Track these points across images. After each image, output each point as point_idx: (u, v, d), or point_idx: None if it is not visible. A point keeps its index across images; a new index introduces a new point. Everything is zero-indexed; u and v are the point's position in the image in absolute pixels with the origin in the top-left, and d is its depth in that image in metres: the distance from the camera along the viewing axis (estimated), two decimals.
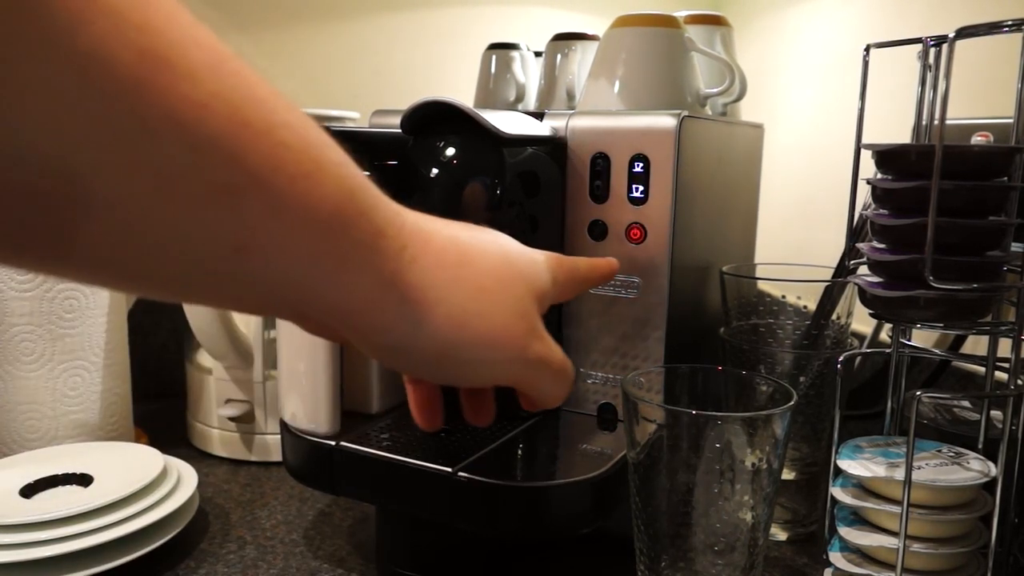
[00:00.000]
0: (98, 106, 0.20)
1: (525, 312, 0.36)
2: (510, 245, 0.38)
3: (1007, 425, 0.44)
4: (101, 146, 0.20)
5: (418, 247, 0.31)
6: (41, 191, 0.20)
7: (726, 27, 0.71)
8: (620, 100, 0.60)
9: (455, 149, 0.49)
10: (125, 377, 0.73)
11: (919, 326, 0.49)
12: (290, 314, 0.31)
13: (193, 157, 0.22)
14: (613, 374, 0.56)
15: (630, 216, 0.53)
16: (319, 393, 0.52)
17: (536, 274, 0.38)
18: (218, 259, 0.24)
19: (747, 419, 0.41)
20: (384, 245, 0.29)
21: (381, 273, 0.29)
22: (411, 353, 0.32)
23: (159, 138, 0.21)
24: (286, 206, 0.25)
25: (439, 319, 0.32)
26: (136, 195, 0.22)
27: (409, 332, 0.31)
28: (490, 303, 0.34)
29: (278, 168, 0.24)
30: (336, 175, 0.27)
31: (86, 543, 0.52)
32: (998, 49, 0.60)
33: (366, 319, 0.30)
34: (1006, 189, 0.44)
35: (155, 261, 0.24)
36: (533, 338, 0.36)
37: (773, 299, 0.63)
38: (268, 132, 0.24)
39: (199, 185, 0.22)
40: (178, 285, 0.26)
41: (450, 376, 0.35)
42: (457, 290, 0.33)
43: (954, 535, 0.46)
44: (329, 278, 0.28)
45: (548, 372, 0.38)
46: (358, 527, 0.62)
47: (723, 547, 0.42)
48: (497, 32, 0.89)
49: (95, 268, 0.24)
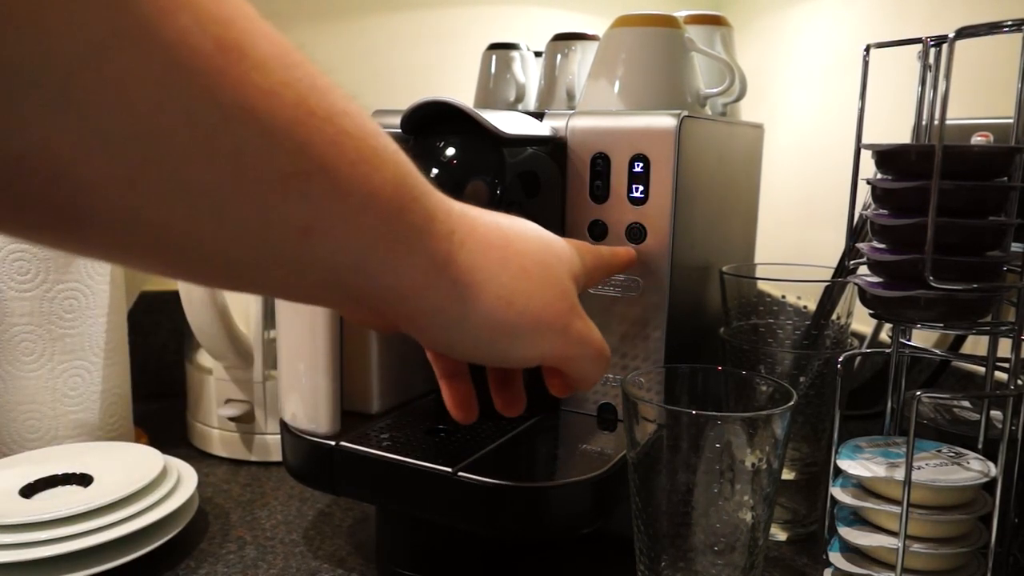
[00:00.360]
0: (182, 95, 0.21)
1: (566, 291, 0.38)
2: (544, 231, 0.39)
3: (1007, 425, 0.44)
4: (185, 134, 0.21)
5: (465, 231, 0.33)
6: (124, 179, 0.21)
7: (726, 27, 0.71)
8: (620, 100, 0.60)
9: (455, 149, 0.49)
10: (125, 377, 0.73)
11: (919, 326, 0.49)
12: (344, 299, 0.32)
13: (265, 143, 0.23)
14: (613, 374, 0.56)
15: (630, 216, 0.53)
16: (319, 393, 0.52)
17: (571, 257, 0.40)
18: (285, 242, 0.25)
19: (747, 419, 0.41)
20: (436, 229, 0.31)
21: (434, 256, 0.31)
22: (462, 334, 0.34)
23: (235, 125, 0.22)
24: (348, 190, 0.26)
25: (488, 298, 0.33)
26: (215, 182, 0.22)
27: (460, 313, 0.33)
28: (533, 283, 0.35)
29: (341, 154, 0.25)
30: (392, 162, 0.28)
31: (86, 543, 0.52)
32: (998, 49, 0.60)
33: (420, 301, 0.32)
34: (1006, 189, 0.44)
35: (226, 244, 0.25)
36: (574, 316, 0.38)
37: (773, 299, 0.63)
38: (330, 119, 0.25)
39: (270, 170, 0.23)
40: (243, 268, 0.27)
41: (497, 355, 0.36)
42: (503, 271, 0.34)
43: (954, 535, 0.46)
44: (386, 261, 0.29)
45: (589, 351, 0.39)
46: (358, 527, 0.62)
47: (723, 547, 0.42)
48: (497, 32, 0.89)
49: (168, 251, 0.25)
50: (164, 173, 0.22)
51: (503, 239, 0.35)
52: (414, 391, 0.60)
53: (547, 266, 0.37)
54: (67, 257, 0.67)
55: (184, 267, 0.27)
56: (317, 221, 0.26)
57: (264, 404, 0.73)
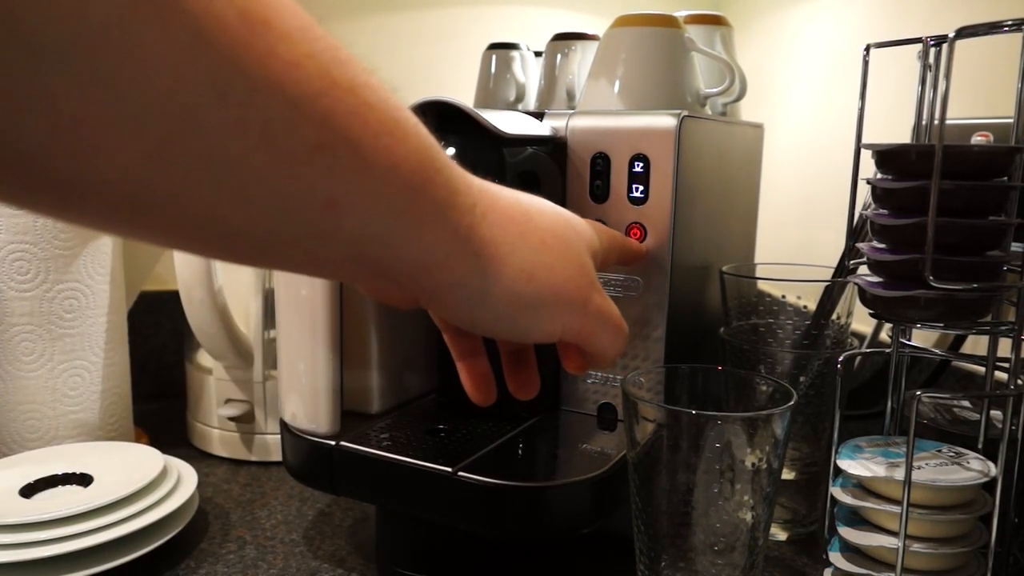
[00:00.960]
0: (208, 68, 0.20)
1: (584, 265, 0.38)
2: (561, 208, 0.39)
3: (1007, 425, 0.44)
4: (211, 107, 0.21)
5: (487, 204, 0.33)
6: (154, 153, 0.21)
7: (726, 27, 0.71)
8: (620, 100, 0.60)
9: (455, 149, 0.49)
10: (125, 377, 0.73)
11: (919, 326, 0.49)
12: (368, 273, 0.32)
13: (291, 115, 0.23)
14: (613, 374, 0.56)
15: (630, 216, 0.53)
16: (319, 393, 0.52)
17: (589, 233, 0.40)
18: (310, 215, 0.25)
19: (747, 419, 0.41)
20: (458, 202, 0.31)
21: (457, 228, 0.31)
22: (484, 307, 0.34)
23: (261, 97, 0.22)
24: (372, 162, 0.26)
25: (510, 271, 0.33)
26: (241, 155, 0.22)
27: (482, 286, 0.33)
28: (554, 256, 0.36)
29: (364, 125, 0.25)
30: (415, 134, 0.28)
31: (86, 543, 0.52)
32: (998, 49, 0.60)
33: (444, 274, 0.32)
34: (1006, 189, 0.44)
35: (251, 219, 0.25)
36: (593, 290, 0.38)
37: (773, 299, 0.63)
38: (353, 91, 0.25)
39: (296, 143, 0.23)
40: (268, 243, 0.27)
41: (519, 330, 0.36)
42: (524, 244, 0.34)
43: (954, 535, 0.46)
44: (410, 234, 0.29)
45: (608, 325, 0.39)
46: (358, 527, 0.62)
47: (723, 547, 0.42)
48: (497, 32, 0.89)
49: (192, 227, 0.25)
50: (190, 147, 0.21)
51: (523, 213, 0.35)
52: (414, 391, 0.60)
53: (567, 240, 0.37)
54: (67, 257, 0.67)
55: (211, 243, 0.27)
56: (342, 194, 0.26)
57: (264, 404, 0.73)
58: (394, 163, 0.27)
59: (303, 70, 0.23)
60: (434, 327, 0.40)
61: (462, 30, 1.03)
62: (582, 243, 0.38)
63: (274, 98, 0.22)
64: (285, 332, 0.53)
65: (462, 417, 0.56)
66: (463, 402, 0.58)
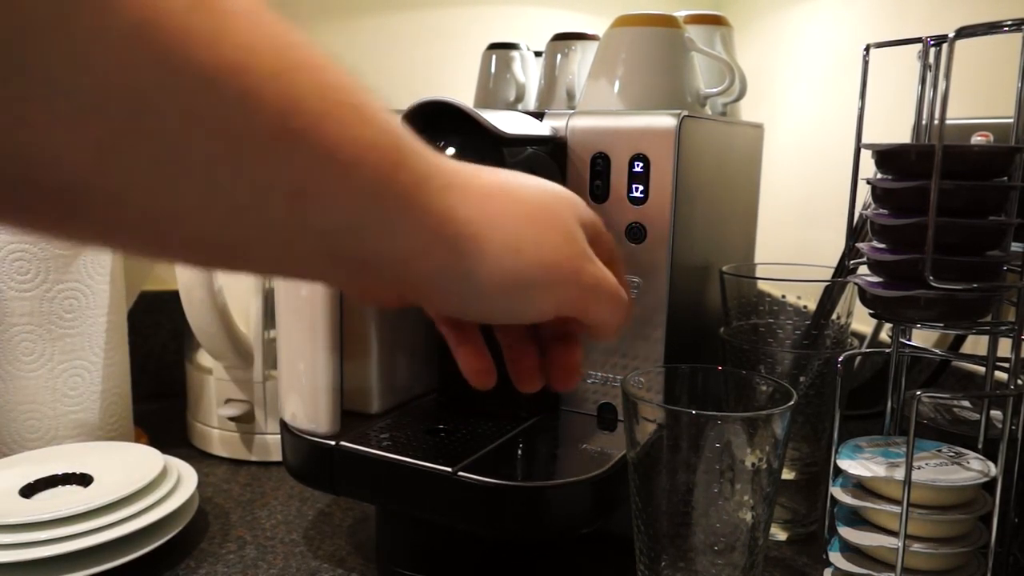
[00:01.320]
0: (154, 55, 0.20)
1: (573, 235, 0.36)
2: (543, 179, 0.38)
3: (1007, 425, 0.44)
4: (161, 96, 0.20)
5: (463, 183, 0.32)
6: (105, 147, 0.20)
7: (726, 27, 0.71)
8: (620, 100, 0.60)
9: (455, 149, 0.49)
10: (125, 377, 0.73)
11: (919, 326, 0.49)
12: (344, 271, 0.31)
13: (246, 101, 0.22)
14: (613, 374, 0.56)
15: (630, 216, 0.53)
16: (319, 393, 0.52)
17: (574, 200, 0.38)
18: (275, 208, 0.24)
19: (747, 419, 0.41)
20: (432, 186, 0.30)
21: (431, 211, 0.30)
22: (471, 291, 0.32)
23: (214, 86, 0.21)
24: (336, 148, 0.25)
25: (494, 248, 0.32)
26: (195, 147, 0.22)
27: (465, 268, 0.31)
28: (540, 229, 0.34)
29: (326, 110, 0.24)
30: (381, 117, 0.27)
31: (86, 543, 0.52)
32: (998, 49, 0.60)
33: (425, 262, 0.30)
34: (1006, 189, 0.44)
35: (214, 217, 0.24)
36: (585, 260, 0.37)
37: (773, 299, 0.63)
38: (311, 73, 0.24)
39: (254, 131, 0.23)
40: (234, 243, 0.26)
41: (512, 310, 0.35)
42: (507, 219, 0.33)
43: (954, 535, 0.46)
44: (382, 221, 0.28)
45: (604, 295, 0.37)
46: (358, 527, 0.62)
47: (723, 547, 0.42)
48: (497, 32, 0.88)
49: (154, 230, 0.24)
50: (141, 141, 0.21)
51: (503, 188, 0.34)
52: (414, 391, 0.60)
53: (552, 210, 0.36)
54: (67, 257, 0.67)
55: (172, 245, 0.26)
56: (307, 183, 0.25)
57: (264, 404, 0.73)
58: (359, 148, 0.26)
59: (256, 55, 0.22)
60: (434, 327, 0.40)
61: (462, 30, 1.03)
62: (570, 213, 0.37)
63: (227, 84, 0.21)
64: (285, 332, 0.53)
65: (462, 417, 0.56)
66: (463, 402, 0.58)
